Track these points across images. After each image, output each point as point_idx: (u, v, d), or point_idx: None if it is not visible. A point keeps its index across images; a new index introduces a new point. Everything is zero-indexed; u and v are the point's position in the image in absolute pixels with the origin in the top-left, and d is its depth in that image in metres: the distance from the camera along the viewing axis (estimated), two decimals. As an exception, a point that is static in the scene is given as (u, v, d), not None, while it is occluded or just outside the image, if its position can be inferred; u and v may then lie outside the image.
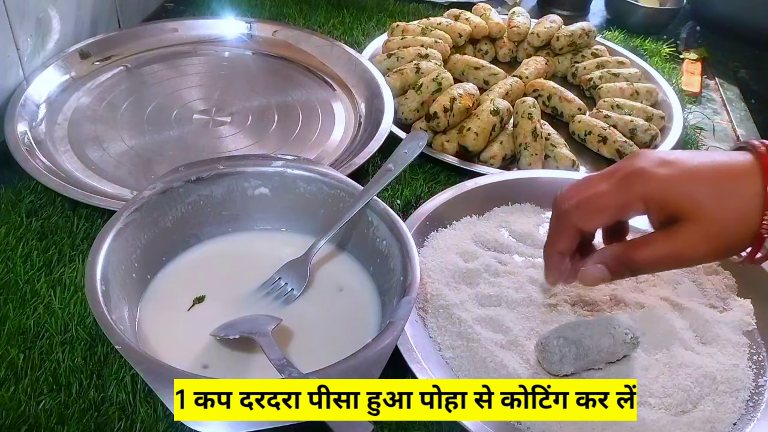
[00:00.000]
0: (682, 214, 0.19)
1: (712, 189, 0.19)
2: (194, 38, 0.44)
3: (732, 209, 0.19)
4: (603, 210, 0.20)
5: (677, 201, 0.19)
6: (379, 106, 0.38)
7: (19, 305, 0.26)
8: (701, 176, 0.19)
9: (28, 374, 0.23)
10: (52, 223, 0.30)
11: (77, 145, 0.35)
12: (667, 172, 0.19)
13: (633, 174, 0.20)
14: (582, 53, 0.47)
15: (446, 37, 0.45)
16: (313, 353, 0.23)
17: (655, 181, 0.19)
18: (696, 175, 0.19)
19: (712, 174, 0.19)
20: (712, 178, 0.19)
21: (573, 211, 0.21)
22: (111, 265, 0.23)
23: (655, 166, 0.19)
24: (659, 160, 0.20)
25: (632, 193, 0.20)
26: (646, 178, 0.19)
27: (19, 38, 0.35)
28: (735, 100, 0.49)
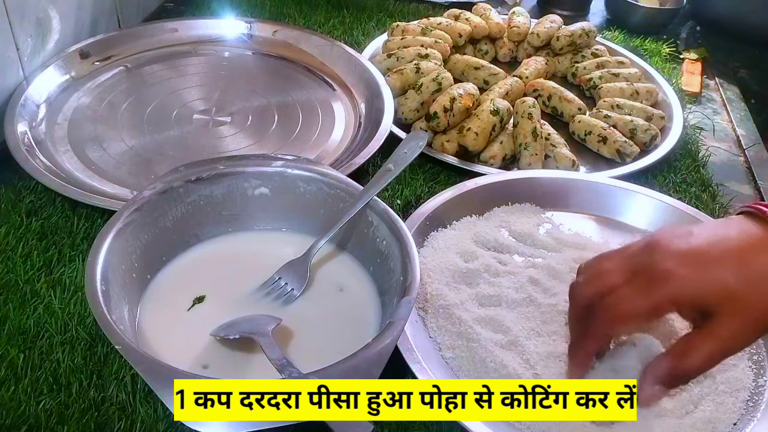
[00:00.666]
0: (716, 307, 0.19)
1: (739, 274, 0.18)
2: (194, 38, 0.44)
3: (763, 288, 0.18)
4: (633, 317, 0.20)
5: (709, 297, 0.19)
6: (379, 106, 0.38)
7: (19, 305, 0.26)
8: (727, 263, 0.19)
9: (28, 374, 0.23)
10: (52, 223, 0.30)
11: (77, 145, 0.35)
12: (692, 272, 0.19)
13: (659, 278, 0.19)
14: (582, 53, 0.47)
15: (446, 37, 0.45)
16: (313, 353, 0.23)
17: (684, 283, 0.19)
18: (721, 264, 0.19)
19: (736, 258, 0.19)
20: (737, 262, 0.19)
21: (600, 316, 0.20)
22: (111, 265, 0.23)
23: (679, 265, 0.19)
24: (681, 256, 0.19)
25: (661, 297, 0.19)
26: (674, 281, 0.19)
27: (19, 38, 0.35)
28: (735, 100, 0.49)
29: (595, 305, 0.20)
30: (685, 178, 0.38)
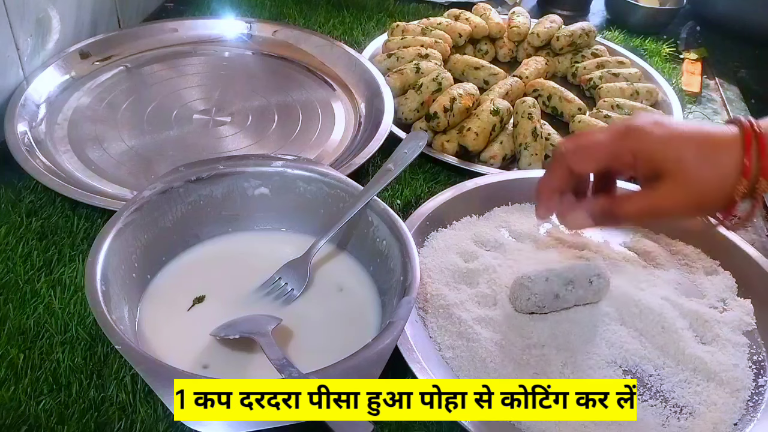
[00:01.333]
0: (666, 171, 0.21)
1: (697, 152, 0.21)
2: (194, 38, 0.44)
3: (711, 172, 0.21)
4: (596, 156, 0.22)
5: (663, 158, 0.21)
6: (379, 106, 0.38)
7: (19, 305, 0.26)
8: (688, 140, 0.21)
9: (28, 374, 0.23)
10: (52, 223, 0.30)
11: (77, 145, 0.35)
12: (659, 132, 0.21)
13: (628, 129, 0.22)
14: (582, 53, 0.47)
15: (446, 37, 0.45)
16: (313, 353, 0.23)
17: (647, 138, 0.21)
18: (684, 138, 0.21)
19: (699, 139, 0.21)
20: (698, 142, 0.21)
21: (569, 154, 0.23)
22: (111, 265, 0.23)
23: (649, 125, 0.21)
24: (654, 122, 0.22)
25: (625, 145, 0.22)
26: (640, 134, 0.21)
27: (19, 38, 0.35)
28: (735, 100, 0.48)
29: (569, 149, 0.23)
30: (685, 178, 0.38)
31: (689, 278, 0.29)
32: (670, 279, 0.28)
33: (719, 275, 0.29)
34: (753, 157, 0.20)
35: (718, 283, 0.28)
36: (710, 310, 0.26)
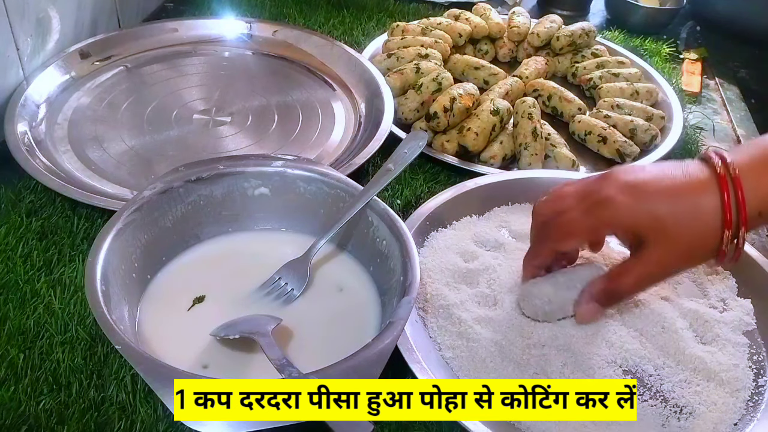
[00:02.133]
0: (647, 236, 0.21)
1: (673, 209, 0.20)
2: (194, 38, 0.44)
3: (692, 226, 0.20)
4: (575, 235, 0.23)
5: (641, 225, 0.21)
6: (379, 106, 0.38)
7: (19, 305, 0.26)
8: (661, 195, 0.20)
9: (28, 374, 0.23)
10: (52, 223, 0.30)
11: (77, 145, 0.35)
12: (628, 200, 0.21)
13: (600, 202, 0.21)
14: (582, 53, 0.47)
15: (446, 37, 0.45)
16: (313, 353, 0.23)
17: (620, 209, 0.21)
18: (656, 195, 0.20)
19: (672, 191, 0.20)
20: (671, 195, 0.20)
21: (549, 233, 0.23)
22: (111, 265, 0.23)
23: (619, 193, 0.21)
24: (624, 186, 0.21)
25: (600, 220, 0.22)
26: (612, 206, 0.21)
27: (19, 38, 0.35)
28: (735, 99, 0.48)
29: (550, 222, 0.23)
30: (685, 178, 0.38)
31: (689, 278, 0.29)
32: (670, 279, 0.28)
33: (719, 275, 0.29)
34: (732, 208, 0.19)
35: (718, 283, 0.28)
36: (710, 310, 0.26)
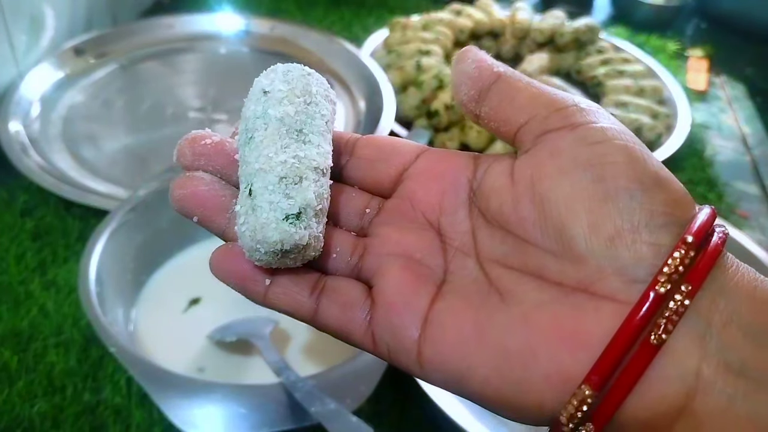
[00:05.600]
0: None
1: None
2: (190, 35, 0.43)
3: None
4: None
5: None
6: (379, 103, 0.37)
7: (12, 307, 0.25)
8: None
9: (22, 377, 0.23)
10: (46, 223, 0.29)
11: (72, 143, 0.34)
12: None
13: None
14: (586, 50, 0.47)
15: (447, 33, 0.44)
16: (311, 356, 0.23)
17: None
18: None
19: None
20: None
21: None
22: (105, 266, 0.22)
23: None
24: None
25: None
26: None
27: (12, 35, 0.35)
28: (741, 98, 0.48)
29: None
30: (691, 178, 0.37)
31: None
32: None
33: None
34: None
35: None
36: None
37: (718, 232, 0.08)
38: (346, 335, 0.10)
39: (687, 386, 0.08)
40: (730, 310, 0.08)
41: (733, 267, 0.08)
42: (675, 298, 0.08)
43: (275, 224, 0.09)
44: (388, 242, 0.10)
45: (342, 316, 0.09)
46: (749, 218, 0.35)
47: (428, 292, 0.09)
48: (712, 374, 0.08)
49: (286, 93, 0.10)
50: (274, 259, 0.09)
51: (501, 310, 0.09)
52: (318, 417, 0.18)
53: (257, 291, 0.10)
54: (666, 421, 0.08)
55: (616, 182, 0.08)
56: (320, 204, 0.09)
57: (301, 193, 0.09)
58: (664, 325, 0.08)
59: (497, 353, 0.08)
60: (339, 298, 0.10)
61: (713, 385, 0.08)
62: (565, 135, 0.09)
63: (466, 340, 0.09)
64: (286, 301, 0.10)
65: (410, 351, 0.09)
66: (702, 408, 0.08)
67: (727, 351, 0.08)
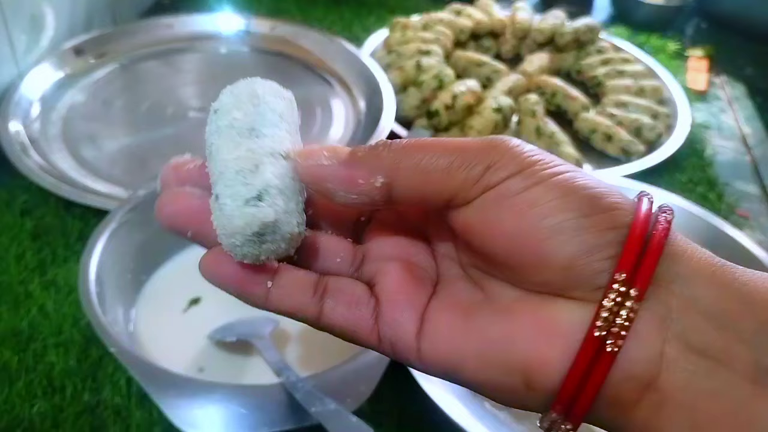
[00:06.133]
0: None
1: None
2: (190, 34, 0.43)
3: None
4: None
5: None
6: (379, 103, 0.37)
7: (12, 307, 0.25)
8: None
9: (22, 377, 0.23)
10: (45, 222, 0.29)
11: (71, 143, 0.34)
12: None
13: None
14: (586, 50, 0.47)
15: (448, 33, 0.44)
16: (311, 356, 0.23)
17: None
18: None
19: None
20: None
21: None
22: (105, 266, 0.22)
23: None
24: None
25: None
26: None
27: (12, 35, 0.35)
28: (741, 98, 0.48)
29: None
30: (692, 178, 0.37)
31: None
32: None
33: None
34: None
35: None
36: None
37: (661, 223, 0.09)
38: (352, 334, 0.10)
39: (652, 366, 0.08)
40: (688, 296, 0.08)
41: (688, 253, 0.09)
42: (626, 305, 0.08)
43: (238, 212, 0.09)
44: (385, 247, 0.10)
45: (349, 315, 0.10)
46: (749, 218, 0.35)
47: (426, 292, 0.10)
48: (675, 355, 0.08)
49: (233, 103, 0.10)
50: (255, 248, 0.09)
51: (485, 306, 0.09)
52: (318, 417, 0.18)
53: (258, 294, 0.10)
54: (632, 398, 0.08)
55: (554, 219, 0.09)
56: (284, 183, 0.09)
57: (258, 177, 0.09)
58: (617, 333, 0.08)
59: (481, 343, 0.09)
60: (344, 297, 0.10)
61: (676, 364, 0.08)
62: (501, 189, 0.09)
63: (456, 334, 0.09)
64: (289, 303, 0.10)
65: (411, 347, 0.09)
66: (666, 385, 0.08)
67: (689, 333, 0.08)
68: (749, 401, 0.08)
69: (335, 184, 0.09)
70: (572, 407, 0.09)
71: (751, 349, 0.08)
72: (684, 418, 0.08)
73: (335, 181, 0.09)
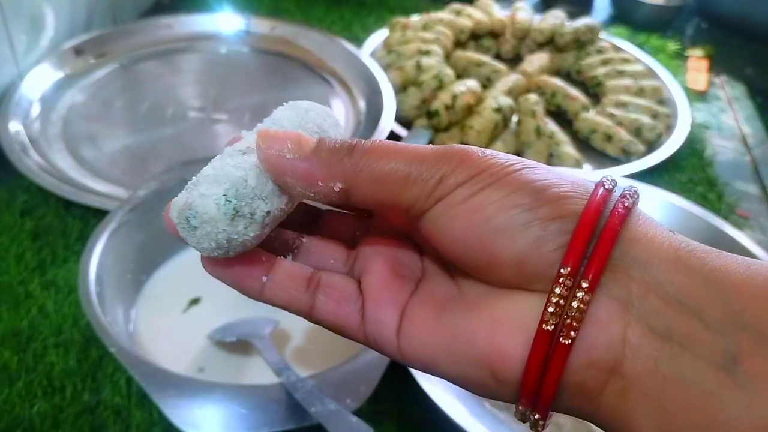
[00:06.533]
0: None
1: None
2: (190, 34, 0.43)
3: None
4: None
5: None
6: (379, 103, 0.37)
7: (12, 307, 0.25)
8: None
9: (22, 377, 0.23)
10: (45, 222, 0.29)
11: (71, 143, 0.34)
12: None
13: None
14: (586, 50, 0.47)
15: (448, 33, 0.44)
16: (311, 356, 0.23)
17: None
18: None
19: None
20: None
21: None
22: (105, 266, 0.22)
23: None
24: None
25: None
26: None
27: (12, 35, 0.35)
28: (741, 97, 0.48)
29: None
30: (691, 178, 0.37)
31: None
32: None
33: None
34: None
35: (738, 261, 0.28)
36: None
37: (619, 209, 0.09)
38: (341, 329, 0.10)
39: (614, 352, 0.08)
40: (648, 280, 0.08)
41: (649, 236, 0.09)
42: (577, 296, 0.08)
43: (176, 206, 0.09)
44: (375, 245, 0.11)
45: (339, 311, 0.10)
46: (749, 218, 0.35)
47: (408, 289, 0.10)
48: (638, 339, 0.08)
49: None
50: (190, 234, 0.09)
51: (457, 301, 0.10)
52: (318, 417, 0.18)
53: (254, 288, 0.10)
54: (596, 385, 0.08)
55: (499, 218, 0.09)
56: (221, 171, 0.09)
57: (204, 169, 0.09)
58: (569, 324, 0.08)
59: (449, 337, 0.09)
60: (334, 293, 0.10)
61: (640, 349, 0.08)
62: (450, 199, 0.09)
63: (428, 329, 0.10)
64: (283, 297, 0.10)
65: (392, 343, 0.10)
66: (630, 371, 0.08)
67: (651, 317, 0.08)
68: (718, 389, 0.08)
69: (294, 180, 0.09)
70: (538, 398, 0.09)
71: (719, 336, 0.08)
72: (652, 406, 0.08)
73: (294, 176, 0.09)
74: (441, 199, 0.09)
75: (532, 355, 0.08)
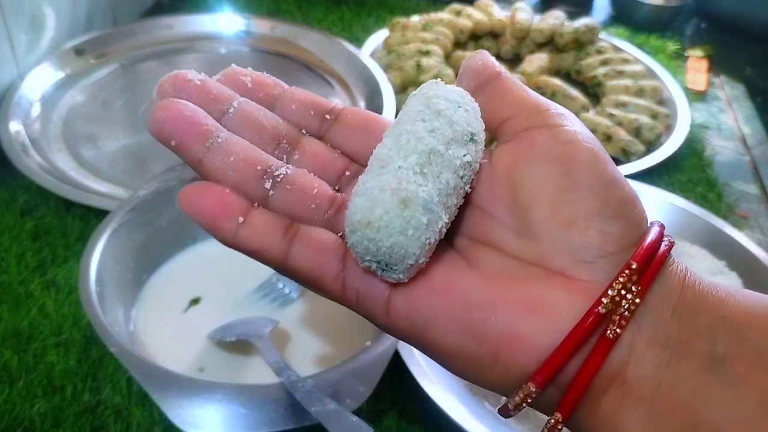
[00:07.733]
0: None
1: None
2: (190, 35, 0.44)
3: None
4: None
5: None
6: (379, 103, 0.37)
7: (13, 306, 0.25)
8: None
9: (23, 377, 0.23)
10: (46, 223, 0.29)
11: (72, 143, 0.34)
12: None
13: None
14: (586, 50, 0.47)
15: (447, 34, 0.45)
16: (311, 356, 0.23)
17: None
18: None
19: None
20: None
21: None
22: (106, 265, 0.22)
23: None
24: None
25: None
26: None
27: (13, 35, 0.35)
28: (741, 98, 0.48)
29: None
30: (691, 178, 0.37)
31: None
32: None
33: (725, 276, 0.29)
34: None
35: (723, 283, 0.28)
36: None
37: (666, 242, 0.09)
38: (315, 280, 0.10)
39: (621, 357, 0.09)
40: (663, 293, 0.09)
41: (669, 259, 0.09)
42: (627, 298, 0.09)
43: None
44: None
45: (315, 259, 0.09)
46: (749, 218, 0.35)
47: None
48: (642, 347, 0.09)
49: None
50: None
51: (468, 271, 0.09)
52: (318, 417, 0.18)
53: (228, 229, 0.09)
54: (600, 388, 0.09)
55: (578, 177, 0.09)
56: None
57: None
58: (617, 321, 0.08)
59: (462, 306, 0.09)
60: (311, 243, 0.10)
61: (643, 357, 0.09)
62: (543, 133, 0.09)
63: (436, 292, 0.09)
64: (257, 241, 0.09)
65: (380, 299, 0.09)
66: (632, 377, 0.09)
67: (657, 327, 0.09)
68: (703, 389, 0.08)
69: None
70: (566, 392, 0.09)
71: (706, 340, 0.08)
72: (642, 409, 0.08)
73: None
74: (552, 127, 0.09)
75: (569, 339, 0.08)
